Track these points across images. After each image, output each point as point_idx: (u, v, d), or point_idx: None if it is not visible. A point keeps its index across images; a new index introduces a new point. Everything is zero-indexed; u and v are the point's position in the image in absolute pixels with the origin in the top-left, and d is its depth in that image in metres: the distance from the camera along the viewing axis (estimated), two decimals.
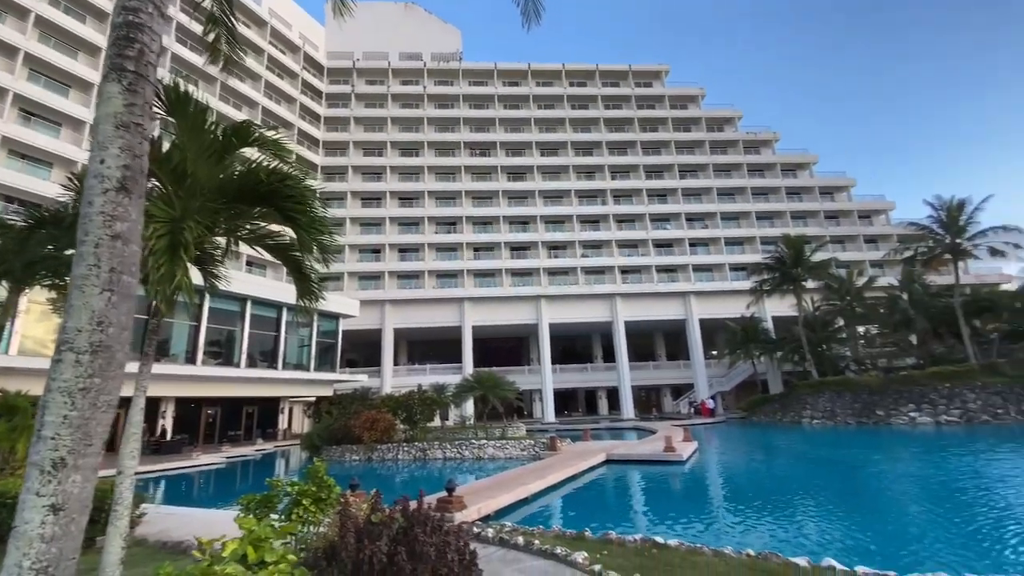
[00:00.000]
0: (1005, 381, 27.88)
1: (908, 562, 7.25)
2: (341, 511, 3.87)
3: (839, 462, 19.12)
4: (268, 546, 2.52)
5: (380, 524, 3.34)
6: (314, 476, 5.31)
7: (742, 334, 41.03)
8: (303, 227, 5.27)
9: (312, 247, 5.53)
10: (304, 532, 5.24)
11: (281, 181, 5.18)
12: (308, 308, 6.26)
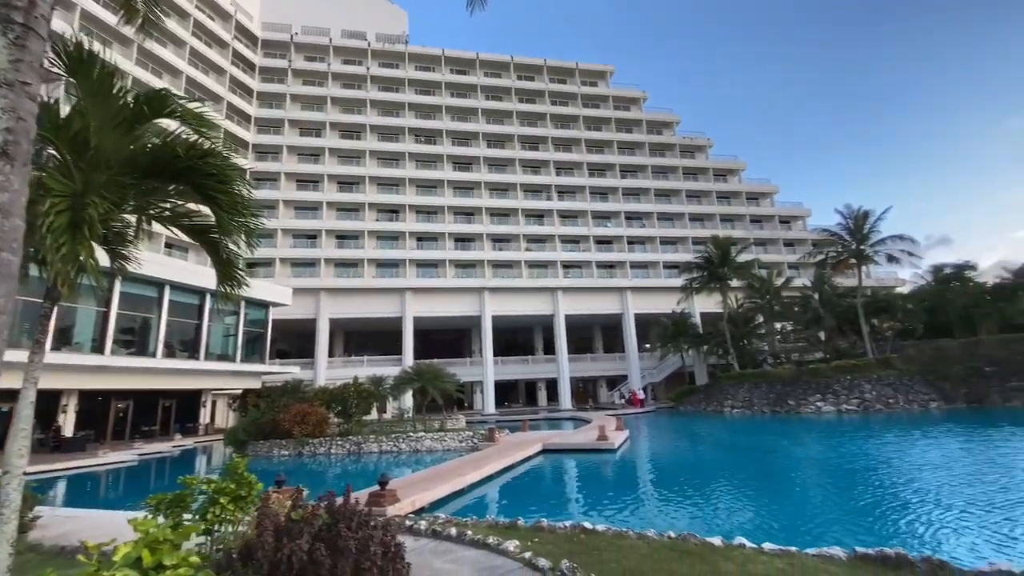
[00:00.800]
0: (896, 374, 31.33)
1: (807, 539, 7.98)
2: (260, 509, 3.68)
3: (754, 448, 20.70)
4: (167, 549, 2.33)
5: (301, 521, 3.21)
6: (233, 472, 5.02)
7: (673, 328, 43.23)
8: (224, 208, 4.91)
9: (234, 230, 5.17)
10: (222, 532, 4.96)
11: (201, 157, 4.80)
12: (230, 295, 5.87)
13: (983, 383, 29.35)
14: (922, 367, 31.57)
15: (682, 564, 5.51)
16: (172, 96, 5.36)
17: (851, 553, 5.65)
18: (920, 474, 13.33)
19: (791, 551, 5.86)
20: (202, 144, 5.12)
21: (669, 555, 5.84)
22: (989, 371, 29.55)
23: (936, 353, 32.59)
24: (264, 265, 43.19)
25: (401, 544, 3.52)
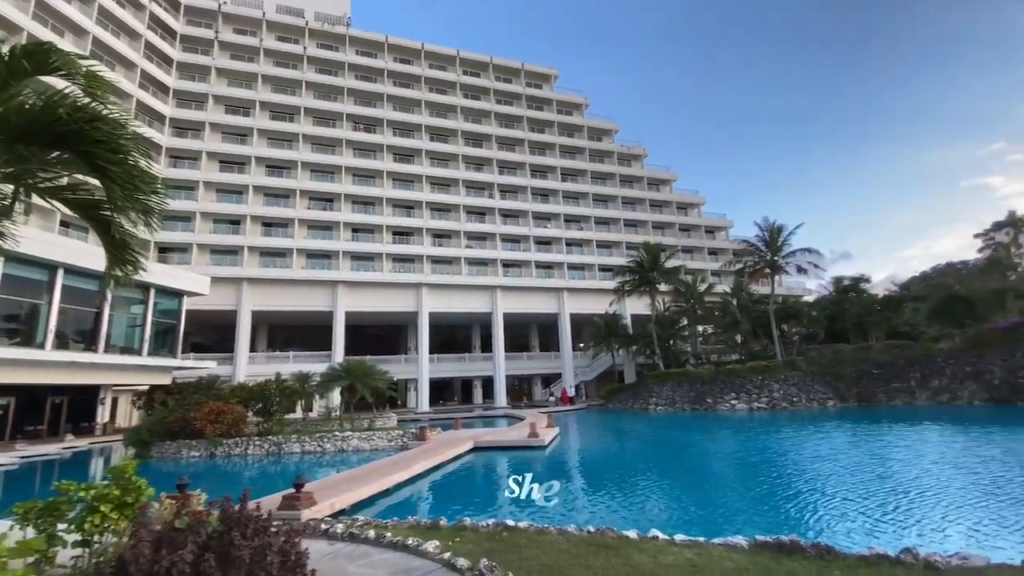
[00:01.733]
0: (800, 375, 34.29)
1: (716, 528, 8.48)
2: (136, 518, 3.31)
3: (672, 443, 21.88)
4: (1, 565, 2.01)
5: (186, 530, 2.90)
6: (118, 477, 4.52)
7: (605, 329, 44.75)
8: (117, 182, 4.37)
9: (129, 207, 4.64)
10: (102, 544, 4.45)
11: (89, 122, 4.24)
12: (121, 280, 5.28)
13: (871, 384, 32.81)
14: (822, 369, 34.76)
15: (598, 558, 5.65)
16: (59, 51, 4.72)
17: (752, 541, 6.06)
18: (812, 466, 14.69)
19: (699, 541, 6.18)
20: (93, 107, 4.55)
21: (587, 549, 5.97)
22: (876, 373, 33.09)
23: (834, 356, 36.01)
24: (180, 251, 39.84)
25: (304, 552, 3.30)
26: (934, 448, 16.77)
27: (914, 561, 5.11)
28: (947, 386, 29.98)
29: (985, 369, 29.02)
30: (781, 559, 5.54)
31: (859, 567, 5.17)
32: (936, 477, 12.10)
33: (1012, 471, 12.22)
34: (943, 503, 9.68)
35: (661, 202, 59.90)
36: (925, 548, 5.65)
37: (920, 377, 31.38)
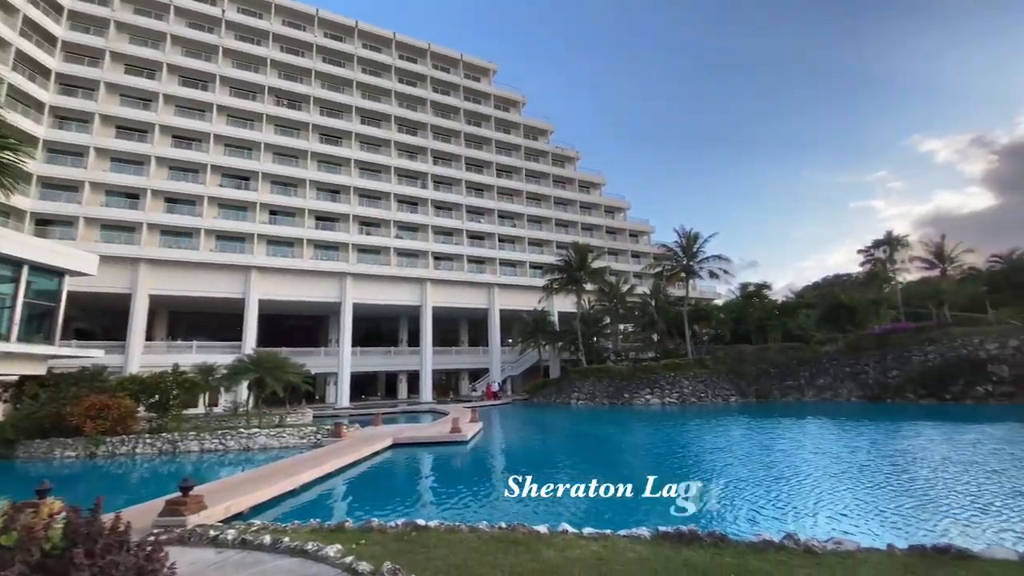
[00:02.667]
0: (708, 372, 36.90)
1: (623, 519, 8.80)
2: None
3: (589, 436, 22.66)
4: None
5: (14, 548, 2.41)
6: None
7: (533, 325, 45.47)
8: None
9: None
10: None
11: None
12: None
13: (768, 382, 36.08)
14: (727, 367, 37.67)
15: (508, 555, 5.61)
16: None
17: (655, 532, 6.32)
18: (711, 456, 15.84)
19: (606, 534, 6.35)
20: None
21: (497, 547, 5.92)
22: (773, 372, 36.43)
23: (737, 356, 39.15)
24: (64, 224, 35.09)
25: (172, 568, 2.90)
26: (813, 440, 18.69)
27: (795, 546, 5.57)
28: (830, 384, 33.65)
29: (861, 370, 32.89)
30: (680, 548, 5.82)
31: (748, 553, 5.55)
32: (813, 466, 13.48)
33: (875, 462, 13.89)
34: (818, 490, 10.77)
35: (591, 204, 61.76)
36: (804, 533, 6.20)
37: (808, 376, 34.97)
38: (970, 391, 27.65)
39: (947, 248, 42.75)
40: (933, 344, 30.59)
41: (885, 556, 5.28)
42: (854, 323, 40.24)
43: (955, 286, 41.52)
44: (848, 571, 4.97)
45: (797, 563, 5.22)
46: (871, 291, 46.11)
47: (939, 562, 4.95)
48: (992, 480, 11.02)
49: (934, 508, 9.10)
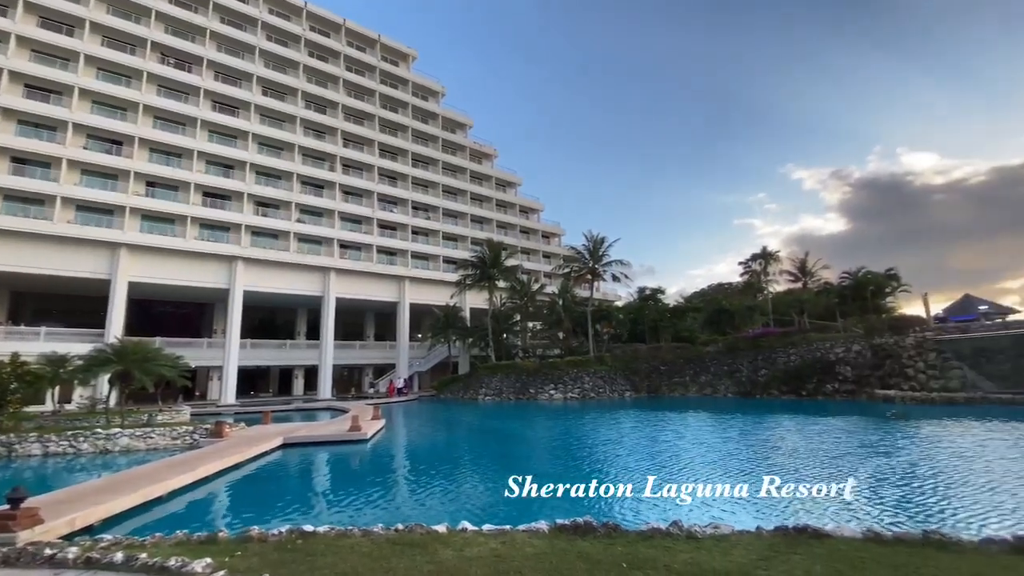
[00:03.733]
0: (607, 369, 39.01)
1: (524, 513, 8.88)
2: None
3: (495, 431, 22.87)
4: None
5: None
6: None
7: (444, 320, 44.93)
8: None
9: None
10: None
11: None
12: None
13: (659, 378, 38.99)
14: (623, 365, 40.12)
15: (402, 558, 5.36)
16: None
17: (553, 525, 6.42)
18: (604, 447, 16.72)
19: (506, 530, 6.34)
20: None
21: (392, 550, 5.64)
22: (663, 370, 39.43)
23: (633, 354, 41.86)
24: None
25: None
26: (692, 431, 20.46)
27: (679, 532, 5.95)
28: (711, 381, 37.16)
29: (736, 368, 36.70)
30: (576, 540, 5.96)
31: (638, 541, 5.83)
32: (693, 455, 14.74)
33: (743, 450, 15.53)
34: (695, 476, 11.76)
35: (506, 203, 62.44)
36: (687, 519, 6.66)
37: (693, 373, 38.33)
38: (821, 388, 32.04)
39: (809, 264, 49.29)
40: (794, 347, 34.99)
41: (755, 537, 5.83)
42: (733, 327, 44.83)
43: (813, 297, 47.92)
44: (724, 552, 5.40)
45: (680, 548, 5.58)
46: (748, 298, 51.71)
47: (798, 540, 5.57)
48: (834, 466, 12.80)
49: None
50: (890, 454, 14.07)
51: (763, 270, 49.33)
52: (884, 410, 24.67)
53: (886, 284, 45.41)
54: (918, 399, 26.65)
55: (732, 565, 5.00)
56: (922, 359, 29.50)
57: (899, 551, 5.15)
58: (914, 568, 4.65)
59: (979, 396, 25.46)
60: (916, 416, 22.09)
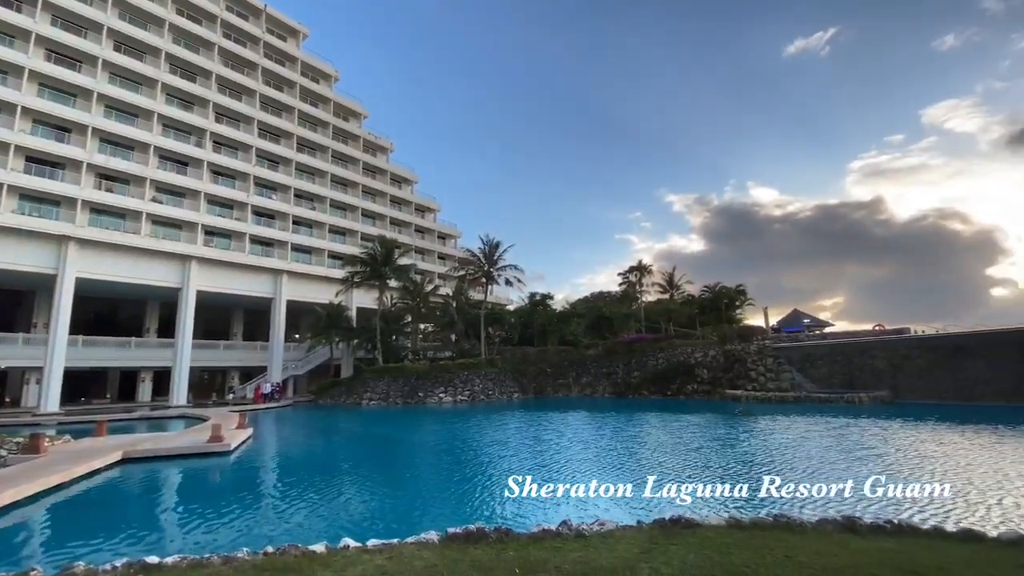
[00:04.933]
0: (497, 371, 39.59)
1: (412, 523, 8.50)
2: None
3: (380, 438, 21.86)
4: None
5: None
6: None
7: (327, 320, 42.01)
8: None
9: None
10: None
11: None
12: None
13: (545, 380, 40.59)
14: (513, 367, 41.08)
15: None
16: None
17: (443, 534, 6.18)
18: (491, 450, 16.87)
19: (392, 544, 5.95)
20: None
21: None
22: (549, 371, 41.13)
23: (522, 357, 43.08)
24: None
25: None
26: (572, 430, 21.49)
27: (569, 532, 6.08)
28: (591, 383, 39.60)
29: (613, 370, 39.56)
30: (468, 548, 5.78)
31: (529, 545, 5.82)
32: (577, 454, 15.47)
33: (617, 444, 16.68)
34: (580, 474, 12.31)
35: (402, 200, 60.56)
36: (576, 518, 6.84)
37: (575, 375, 40.55)
38: (683, 388, 35.83)
39: (676, 278, 54.95)
40: (662, 352, 38.69)
41: (636, 531, 6.17)
42: (612, 332, 48.30)
43: (679, 307, 53.48)
44: (610, 547, 5.61)
45: (570, 547, 5.69)
46: (625, 306, 56.11)
47: (674, 531, 6.01)
48: (692, 457, 14.27)
49: (659, 482, 11.27)
50: (734, 445, 16.13)
51: (638, 281, 53.88)
52: (733, 408, 28.27)
53: (737, 298, 52.25)
54: (759, 398, 31.01)
55: (618, 560, 5.21)
56: (762, 363, 34.42)
57: (756, 535, 5.80)
58: (769, 550, 5.24)
59: (803, 395, 30.39)
60: (757, 412, 25.65)
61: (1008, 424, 18.54)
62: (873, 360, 30.62)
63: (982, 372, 26.35)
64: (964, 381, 26.79)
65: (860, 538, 5.58)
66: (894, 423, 20.05)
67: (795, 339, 39.70)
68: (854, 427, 19.15)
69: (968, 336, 29.00)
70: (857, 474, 11.34)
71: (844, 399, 27.88)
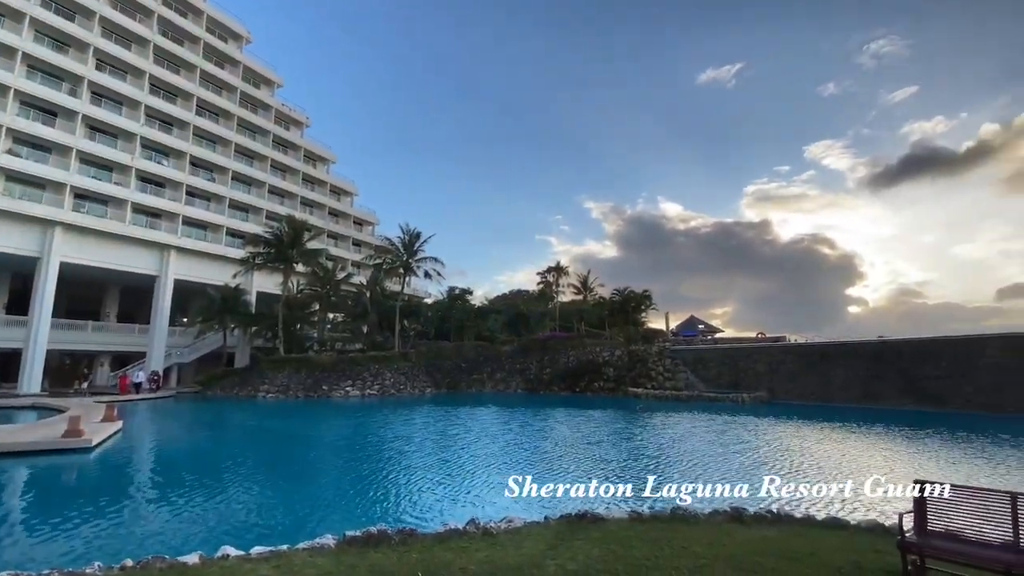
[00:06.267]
0: (410, 365, 38.57)
1: (308, 527, 7.87)
2: None
3: (274, 432, 20.29)
4: None
5: None
6: None
7: (221, 303, 38.26)
8: None
9: None
10: None
11: None
12: None
13: (459, 375, 40.25)
14: (427, 361, 40.28)
15: None
16: None
17: (340, 538, 5.73)
18: (398, 446, 16.33)
19: (282, 551, 5.40)
20: None
21: None
22: (464, 366, 40.87)
23: (438, 351, 42.40)
24: None
25: None
26: (480, 424, 21.47)
27: (476, 530, 5.91)
28: (504, 378, 39.99)
29: (527, 367, 40.28)
30: (367, 552, 5.41)
31: (434, 546, 5.57)
32: (486, 450, 15.43)
33: (523, 440, 16.92)
34: (490, 472, 12.27)
35: (316, 180, 56.86)
36: (484, 516, 6.70)
37: (490, 371, 40.71)
38: (591, 386, 37.40)
39: (589, 281, 57.26)
40: (574, 350, 40.06)
41: (543, 527, 6.16)
42: (528, 329, 49.16)
43: (591, 308, 55.75)
44: (517, 545, 5.53)
45: (477, 547, 5.52)
46: (541, 305, 57.42)
47: (580, 526, 6.08)
48: (594, 451, 14.85)
49: (564, 476, 11.53)
50: (631, 439, 17.08)
51: (555, 282, 55.39)
52: (634, 404, 29.98)
53: (643, 302, 55.57)
54: (657, 396, 33.19)
55: (524, 558, 5.14)
56: (661, 364, 36.91)
57: (655, 527, 6.04)
58: (667, 542, 5.46)
59: (696, 394, 33.00)
60: (656, 409, 27.41)
61: (856, 423, 21.50)
62: (755, 364, 34.06)
63: (840, 377, 30.35)
64: (826, 385, 30.70)
65: (746, 527, 6.02)
66: (766, 420, 22.44)
67: (690, 343, 43.10)
68: (734, 423, 21.13)
69: (829, 346, 33.26)
70: (736, 465, 12.47)
71: (729, 398, 30.71)
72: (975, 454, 14.62)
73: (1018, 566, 3.69)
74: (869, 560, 4.80)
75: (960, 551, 4.11)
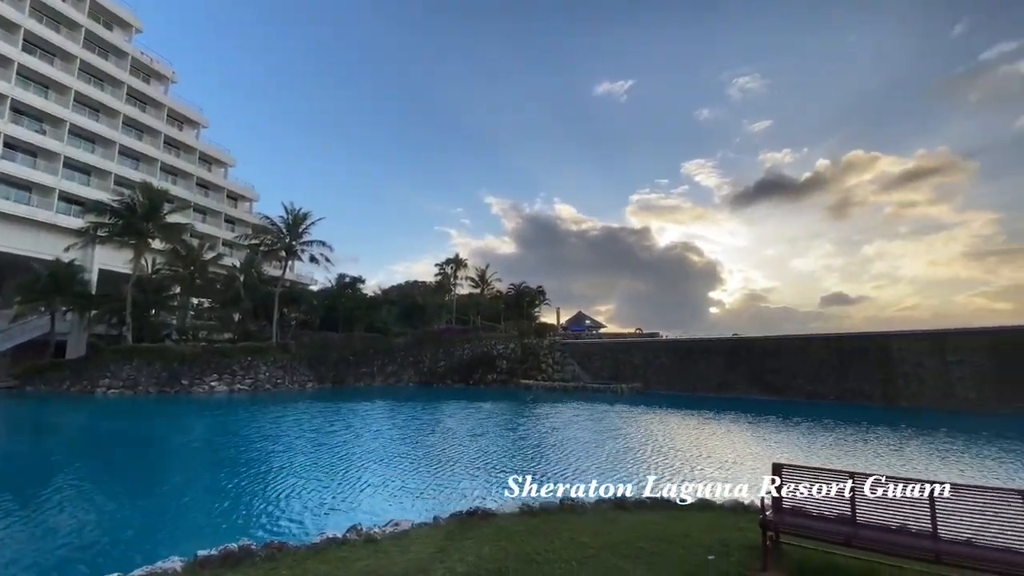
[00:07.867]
0: (289, 358, 35.49)
1: (144, 553, 6.72)
2: None
3: (114, 435, 17.34)
4: None
5: None
6: None
7: (49, 281, 31.80)
8: None
9: None
10: None
11: None
12: None
13: (346, 368, 37.98)
14: (310, 353, 37.40)
15: None
16: None
17: (191, 559, 4.88)
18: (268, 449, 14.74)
19: None
20: None
21: None
22: (352, 359, 38.65)
23: (323, 342, 39.56)
24: None
25: None
26: (363, 422, 20.44)
27: (357, 537, 5.41)
28: (396, 371, 38.67)
29: (421, 359, 39.38)
30: (223, 574, 4.66)
31: (308, 558, 4.98)
32: (365, 449, 14.62)
33: (409, 435, 16.44)
34: (372, 473, 11.62)
35: (182, 145, 49.80)
36: (367, 520, 6.19)
37: (380, 364, 39.08)
38: (484, 378, 37.69)
39: (487, 275, 57.64)
40: (469, 343, 40.05)
41: (433, 528, 5.84)
42: (423, 321, 48.05)
43: (488, 302, 56.24)
44: (403, 550, 5.16)
45: (357, 556, 5.05)
46: (439, 297, 56.54)
47: (470, 523, 5.86)
48: (485, 442, 14.88)
49: (454, 471, 11.32)
50: (517, 429, 17.47)
51: (453, 274, 54.92)
52: (525, 395, 30.79)
53: (536, 298, 57.39)
54: (546, 387, 34.47)
55: (410, 564, 4.80)
56: (552, 357, 38.42)
57: (545, 519, 6.04)
58: (556, 534, 5.47)
59: (582, 385, 34.84)
60: (544, 399, 28.41)
61: (714, 410, 24.27)
62: (632, 358, 36.89)
63: (703, 370, 34.05)
64: (691, 377, 34.24)
65: (629, 514, 6.28)
66: (639, 408, 24.46)
67: (578, 337, 45.46)
68: (611, 412, 22.72)
69: (694, 342, 37.18)
70: (610, 449, 13.35)
71: (610, 389, 32.92)
72: (812, 436, 17.22)
73: (855, 538, 4.23)
74: (734, 538, 5.24)
75: (806, 525, 4.62)
